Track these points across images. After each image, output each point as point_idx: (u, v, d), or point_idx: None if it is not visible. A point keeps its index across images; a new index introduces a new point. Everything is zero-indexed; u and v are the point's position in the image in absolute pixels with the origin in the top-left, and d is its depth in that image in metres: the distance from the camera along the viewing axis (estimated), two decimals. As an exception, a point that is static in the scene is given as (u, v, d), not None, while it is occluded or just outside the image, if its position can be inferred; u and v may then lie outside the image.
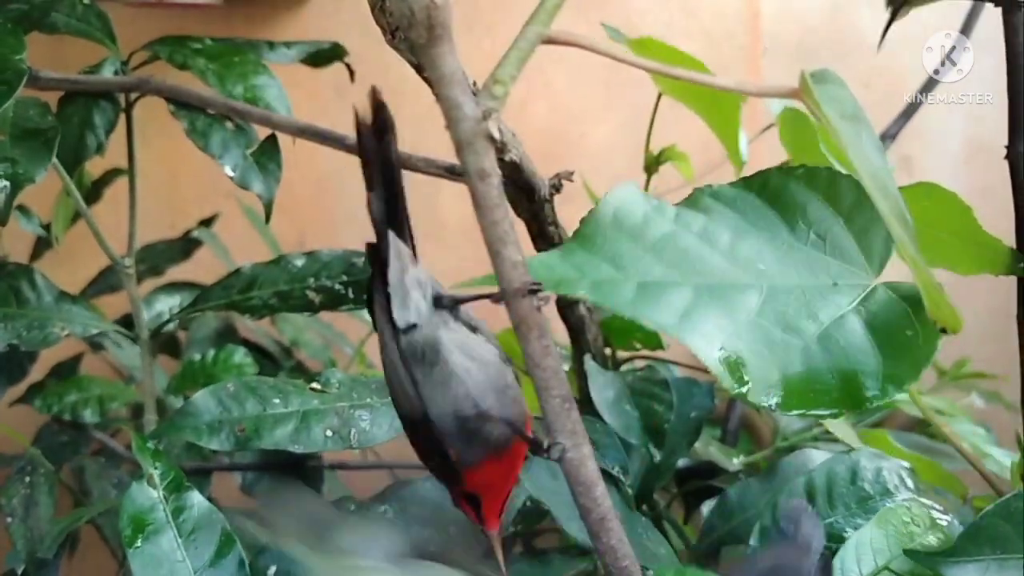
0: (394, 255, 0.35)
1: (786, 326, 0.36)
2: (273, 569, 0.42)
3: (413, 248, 0.36)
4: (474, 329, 0.36)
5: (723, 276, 0.36)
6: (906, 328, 0.37)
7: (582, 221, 0.35)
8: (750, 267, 0.37)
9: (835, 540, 0.46)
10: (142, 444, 0.45)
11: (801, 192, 0.40)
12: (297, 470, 0.79)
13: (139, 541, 0.40)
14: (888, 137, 0.87)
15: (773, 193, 0.40)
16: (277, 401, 0.45)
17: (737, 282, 0.36)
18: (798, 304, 0.37)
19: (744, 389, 0.33)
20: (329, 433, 0.45)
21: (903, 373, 0.35)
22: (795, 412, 0.34)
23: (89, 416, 0.72)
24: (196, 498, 0.43)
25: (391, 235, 0.35)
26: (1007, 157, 0.48)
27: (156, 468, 0.43)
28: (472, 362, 0.35)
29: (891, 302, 0.37)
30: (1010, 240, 0.49)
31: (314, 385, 0.47)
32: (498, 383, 0.35)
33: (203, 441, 0.44)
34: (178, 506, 0.42)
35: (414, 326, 0.35)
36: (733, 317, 0.35)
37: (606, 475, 0.49)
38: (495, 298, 0.33)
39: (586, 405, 0.56)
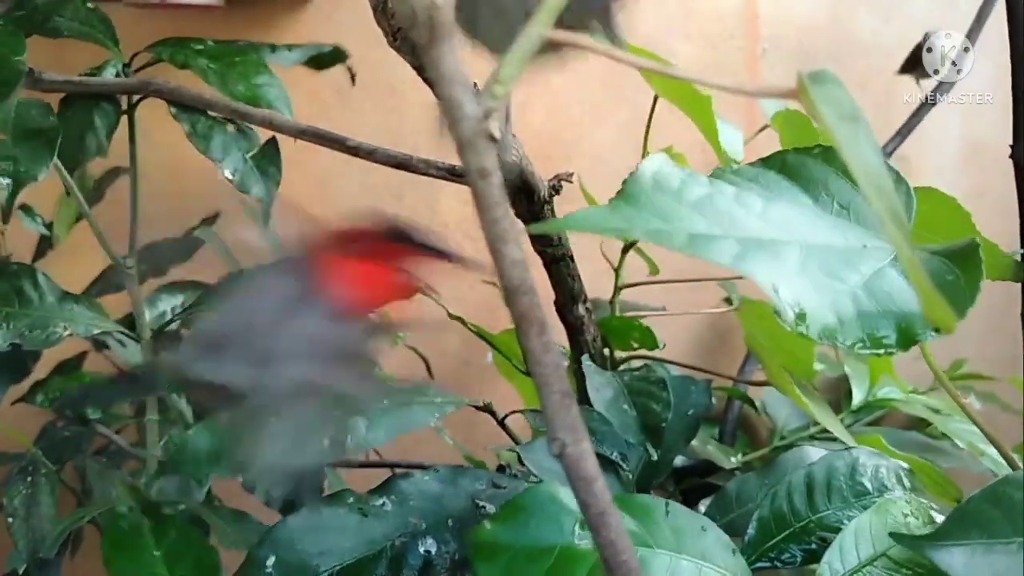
0: None
1: (831, 275, 0.37)
2: (272, 559, 0.42)
3: None
4: None
5: (762, 234, 0.37)
6: (946, 274, 0.38)
7: (624, 183, 0.37)
8: (784, 229, 0.38)
9: (830, 531, 0.46)
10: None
11: (820, 168, 0.41)
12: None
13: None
14: (886, 153, 0.86)
15: (792, 170, 0.41)
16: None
17: (777, 239, 0.37)
18: (837, 259, 0.38)
19: (803, 328, 0.34)
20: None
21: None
22: (857, 349, 0.35)
23: (91, 412, 0.72)
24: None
25: None
26: (1012, 156, 0.49)
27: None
28: None
29: (925, 259, 0.39)
30: (1011, 239, 0.49)
31: None
32: None
33: (204, 471, 0.47)
34: None
35: None
36: (781, 266, 0.36)
37: (605, 461, 0.50)
38: None
39: (584, 405, 0.56)
